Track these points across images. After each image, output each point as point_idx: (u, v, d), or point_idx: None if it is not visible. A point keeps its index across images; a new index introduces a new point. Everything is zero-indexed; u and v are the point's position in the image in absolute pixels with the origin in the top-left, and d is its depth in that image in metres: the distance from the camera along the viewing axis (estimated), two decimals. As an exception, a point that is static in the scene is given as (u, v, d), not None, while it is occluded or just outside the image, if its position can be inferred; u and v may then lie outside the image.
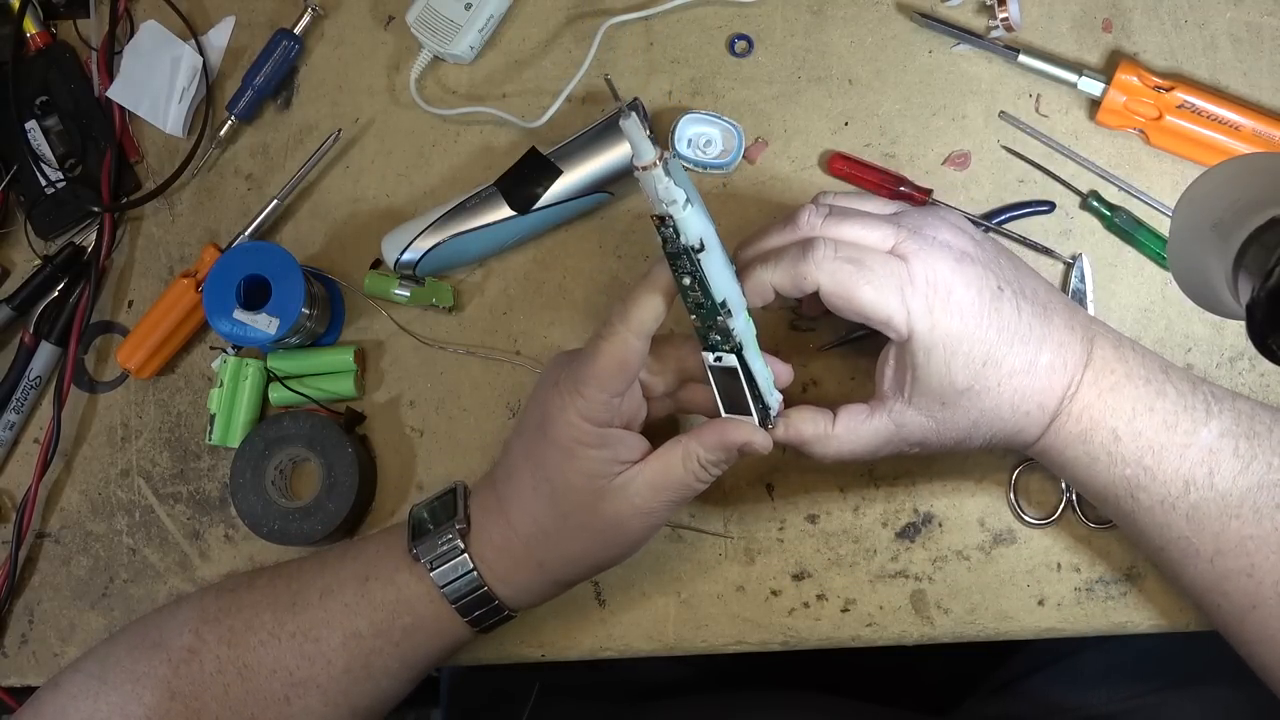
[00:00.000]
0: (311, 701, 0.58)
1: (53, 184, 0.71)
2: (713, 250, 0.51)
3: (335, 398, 0.69)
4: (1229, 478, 0.54)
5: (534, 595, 0.59)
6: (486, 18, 0.69)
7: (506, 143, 0.70)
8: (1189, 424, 0.54)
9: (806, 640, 0.66)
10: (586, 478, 0.55)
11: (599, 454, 0.55)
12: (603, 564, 0.59)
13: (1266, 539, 0.54)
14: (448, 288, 0.68)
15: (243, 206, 0.71)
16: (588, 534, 0.57)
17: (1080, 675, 0.78)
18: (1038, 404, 0.55)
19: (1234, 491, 0.54)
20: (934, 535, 0.65)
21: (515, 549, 0.58)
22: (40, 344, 0.71)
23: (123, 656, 0.60)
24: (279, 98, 0.72)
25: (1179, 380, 0.56)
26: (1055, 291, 0.57)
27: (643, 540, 0.58)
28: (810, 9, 0.69)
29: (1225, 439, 0.54)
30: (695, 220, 0.49)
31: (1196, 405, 0.55)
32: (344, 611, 0.59)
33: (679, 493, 0.56)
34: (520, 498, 0.57)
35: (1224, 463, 0.54)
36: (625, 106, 0.49)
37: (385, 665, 0.59)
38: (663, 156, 0.48)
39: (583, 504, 0.56)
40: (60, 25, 0.74)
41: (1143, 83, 0.64)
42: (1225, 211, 0.44)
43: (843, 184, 0.67)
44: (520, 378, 0.68)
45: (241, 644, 0.59)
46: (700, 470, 0.56)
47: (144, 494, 0.71)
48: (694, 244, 0.50)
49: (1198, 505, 0.54)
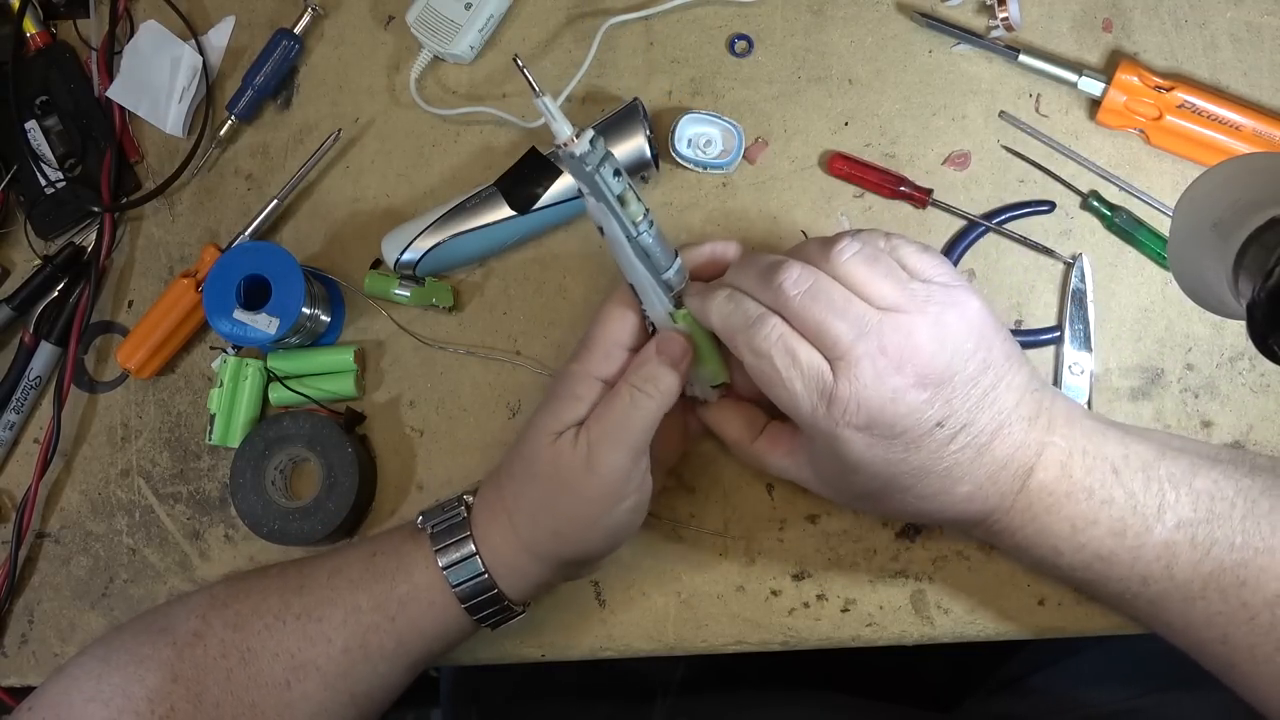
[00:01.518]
0: (310, 686, 0.59)
1: (53, 184, 0.71)
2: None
3: (335, 398, 0.69)
4: (1188, 567, 0.53)
5: (513, 569, 0.59)
6: (486, 18, 0.68)
7: (506, 143, 0.70)
8: (1140, 525, 0.53)
9: (806, 640, 0.66)
10: (550, 417, 0.57)
11: (571, 401, 0.56)
12: (561, 531, 0.57)
13: (1234, 614, 0.53)
14: (448, 288, 0.68)
15: (243, 206, 0.71)
16: (540, 480, 0.56)
17: (1080, 675, 0.78)
18: (954, 518, 0.55)
19: (1195, 579, 0.53)
20: (934, 535, 0.65)
21: (495, 505, 0.59)
22: (40, 344, 0.71)
23: (128, 641, 0.60)
24: (279, 98, 0.72)
25: (1131, 477, 0.54)
26: (1021, 402, 0.53)
27: (599, 501, 0.56)
28: (810, 9, 0.69)
29: (1182, 530, 0.53)
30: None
31: (1148, 503, 0.54)
32: (348, 587, 0.59)
33: (621, 428, 0.55)
34: (509, 463, 0.59)
35: (1181, 554, 0.53)
36: (538, 95, 0.52)
37: (381, 644, 0.59)
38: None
39: (537, 446, 0.57)
40: (60, 25, 0.74)
41: (1143, 83, 0.64)
42: (1225, 211, 0.44)
43: (843, 184, 0.67)
44: (520, 378, 0.68)
45: (247, 628, 0.59)
46: (636, 395, 0.55)
47: (144, 494, 0.71)
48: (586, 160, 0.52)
49: (1159, 595, 0.54)
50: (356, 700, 0.60)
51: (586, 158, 0.51)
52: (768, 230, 0.67)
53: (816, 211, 0.67)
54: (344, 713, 0.60)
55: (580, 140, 0.51)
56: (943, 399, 0.51)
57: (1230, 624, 0.53)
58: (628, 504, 0.57)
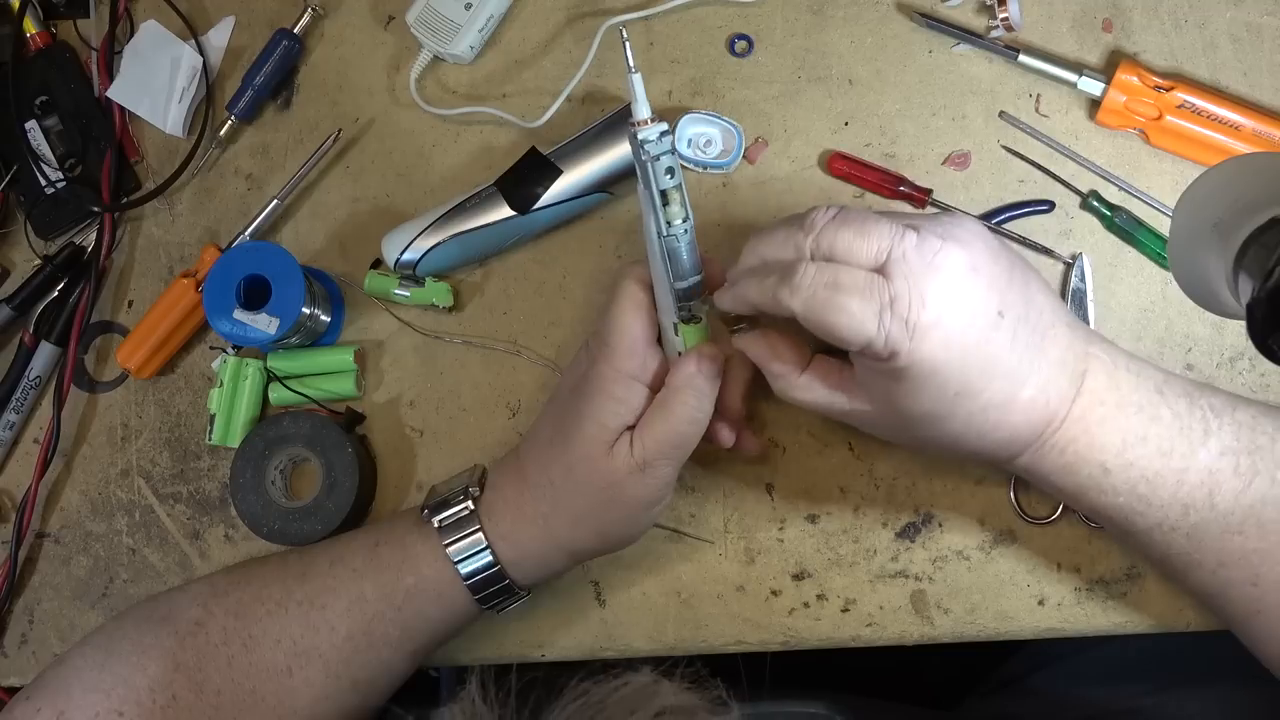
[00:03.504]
0: (313, 673, 0.59)
1: (53, 184, 0.71)
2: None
3: (335, 398, 0.69)
4: (1230, 497, 0.53)
5: (537, 560, 0.59)
6: (486, 18, 0.68)
7: (506, 143, 0.70)
8: (1185, 447, 0.53)
9: (806, 640, 0.66)
10: (598, 425, 0.56)
11: (615, 405, 0.56)
12: (606, 531, 0.59)
13: (1271, 552, 0.53)
14: (447, 288, 0.68)
15: (243, 206, 0.71)
16: (590, 489, 0.57)
17: (1080, 675, 0.78)
18: (1010, 436, 0.53)
19: (1236, 510, 0.53)
20: (934, 535, 0.65)
21: (524, 504, 0.59)
22: (40, 344, 0.71)
23: (130, 630, 0.60)
24: (279, 98, 0.72)
25: (1175, 399, 0.54)
26: (1059, 308, 0.54)
27: (641, 505, 0.58)
28: (810, 9, 0.69)
29: (1225, 457, 0.53)
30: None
31: (1194, 426, 0.53)
32: (352, 576, 0.59)
33: (678, 446, 0.57)
34: (536, 449, 0.59)
35: (1224, 482, 0.53)
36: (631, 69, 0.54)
37: (386, 633, 0.59)
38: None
39: (588, 455, 0.56)
40: (60, 25, 0.74)
41: (1143, 83, 0.64)
42: (1225, 211, 0.44)
43: (843, 184, 0.67)
44: (520, 377, 0.68)
45: (249, 615, 0.59)
46: (691, 410, 0.56)
47: (144, 494, 0.71)
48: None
49: (1198, 525, 0.53)
50: (359, 687, 0.60)
51: (647, 145, 0.54)
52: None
53: (816, 211, 0.67)
54: (346, 699, 0.60)
55: (650, 127, 0.54)
56: (995, 287, 0.50)
57: (1264, 563, 0.53)
58: (662, 504, 0.59)
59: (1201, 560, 0.55)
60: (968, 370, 0.50)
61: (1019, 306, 0.51)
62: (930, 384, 0.50)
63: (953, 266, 0.49)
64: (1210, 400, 0.54)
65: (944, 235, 0.50)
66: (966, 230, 0.51)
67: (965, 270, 0.49)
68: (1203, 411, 0.54)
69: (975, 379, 0.50)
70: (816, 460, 0.66)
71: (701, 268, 0.57)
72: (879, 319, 0.49)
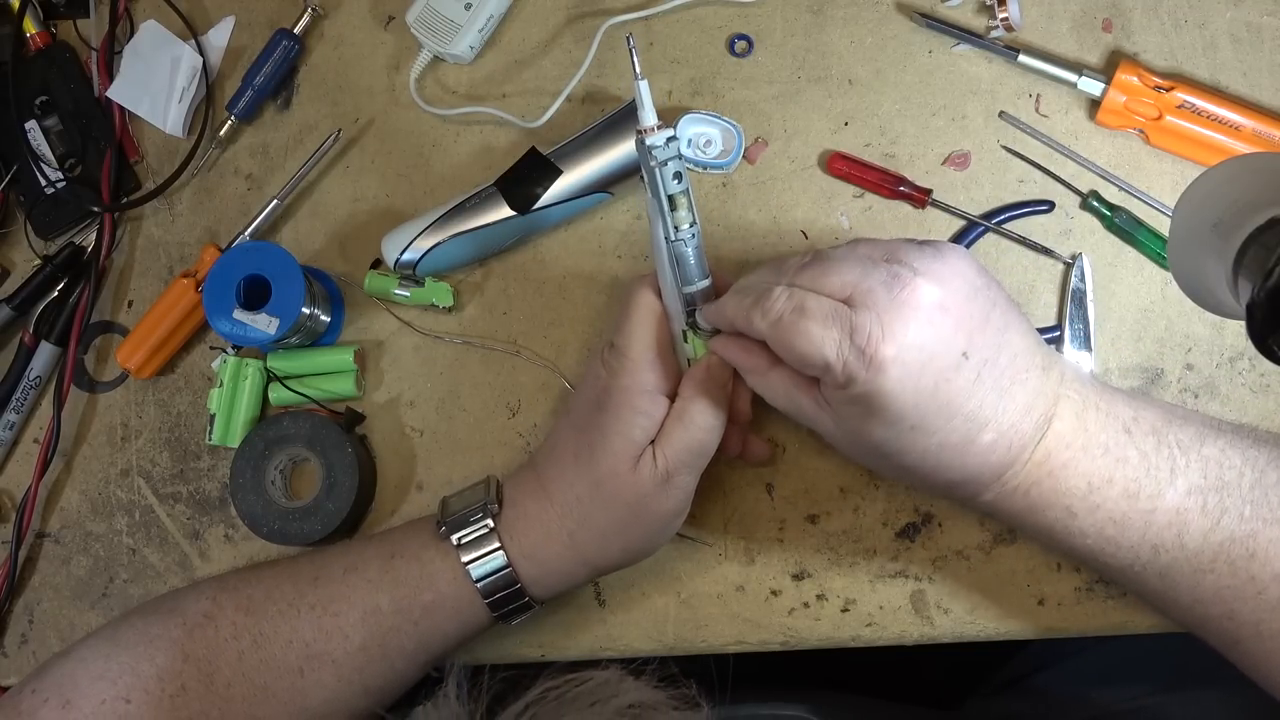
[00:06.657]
0: (325, 675, 0.59)
1: (53, 184, 0.71)
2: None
3: (335, 398, 0.69)
4: (1199, 536, 0.53)
5: (560, 576, 0.60)
6: (486, 18, 0.68)
7: (506, 143, 0.70)
8: (1153, 488, 0.53)
9: (806, 640, 0.66)
10: (625, 440, 0.57)
11: (640, 419, 0.57)
12: (631, 546, 0.59)
13: (1242, 588, 0.53)
14: (447, 288, 0.68)
15: (243, 206, 0.71)
16: (618, 505, 0.57)
17: (1081, 675, 0.78)
18: (965, 477, 0.53)
19: (1205, 549, 0.53)
20: (934, 535, 0.65)
21: (550, 521, 0.59)
22: (40, 344, 0.71)
23: (136, 621, 0.60)
24: (279, 98, 0.72)
25: (1143, 438, 0.53)
26: (1035, 351, 0.53)
27: (665, 517, 0.59)
28: (810, 9, 0.69)
29: (1192, 496, 0.53)
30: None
31: (1160, 465, 0.53)
32: (366, 587, 0.59)
33: (699, 455, 0.57)
34: (560, 467, 0.59)
35: (1192, 522, 0.53)
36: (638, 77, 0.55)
37: (401, 645, 0.59)
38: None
39: (615, 471, 0.57)
40: (60, 25, 0.74)
41: (1143, 83, 0.64)
42: (1225, 211, 0.44)
43: (843, 184, 0.67)
44: (520, 377, 0.68)
45: (259, 612, 0.59)
46: (709, 421, 0.57)
47: (144, 494, 0.71)
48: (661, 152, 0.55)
49: (1170, 566, 0.54)
50: (370, 693, 0.60)
51: (655, 151, 0.55)
52: (768, 230, 0.68)
53: (816, 211, 0.67)
54: (357, 703, 0.60)
55: (658, 134, 0.55)
56: (964, 329, 0.50)
57: (1237, 599, 0.53)
58: (683, 516, 0.60)
59: (1176, 598, 0.55)
60: (922, 408, 0.50)
61: (988, 350, 0.51)
62: (884, 416, 0.51)
63: (920, 303, 0.50)
64: (1179, 435, 0.54)
65: (920, 271, 0.50)
66: (948, 266, 0.51)
67: (933, 308, 0.50)
68: (1170, 450, 0.53)
69: (931, 417, 0.51)
70: (816, 460, 0.66)
71: (709, 273, 0.58)
72: (838, 346, 0.50)
